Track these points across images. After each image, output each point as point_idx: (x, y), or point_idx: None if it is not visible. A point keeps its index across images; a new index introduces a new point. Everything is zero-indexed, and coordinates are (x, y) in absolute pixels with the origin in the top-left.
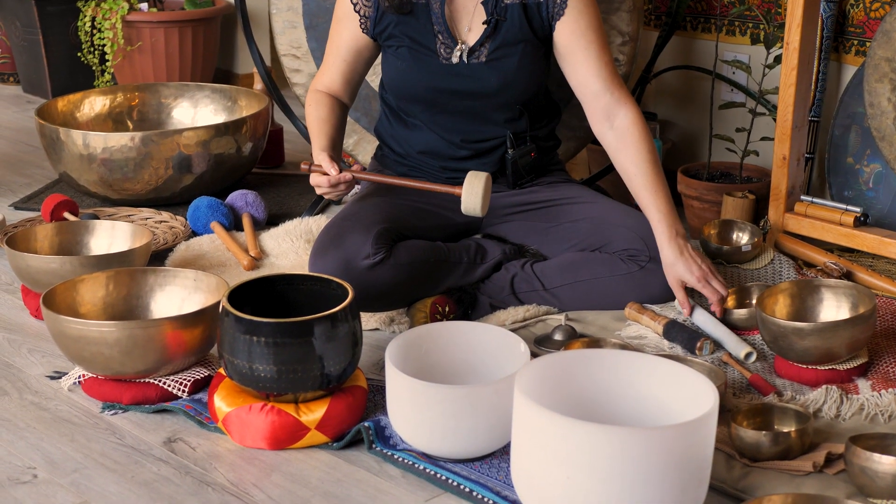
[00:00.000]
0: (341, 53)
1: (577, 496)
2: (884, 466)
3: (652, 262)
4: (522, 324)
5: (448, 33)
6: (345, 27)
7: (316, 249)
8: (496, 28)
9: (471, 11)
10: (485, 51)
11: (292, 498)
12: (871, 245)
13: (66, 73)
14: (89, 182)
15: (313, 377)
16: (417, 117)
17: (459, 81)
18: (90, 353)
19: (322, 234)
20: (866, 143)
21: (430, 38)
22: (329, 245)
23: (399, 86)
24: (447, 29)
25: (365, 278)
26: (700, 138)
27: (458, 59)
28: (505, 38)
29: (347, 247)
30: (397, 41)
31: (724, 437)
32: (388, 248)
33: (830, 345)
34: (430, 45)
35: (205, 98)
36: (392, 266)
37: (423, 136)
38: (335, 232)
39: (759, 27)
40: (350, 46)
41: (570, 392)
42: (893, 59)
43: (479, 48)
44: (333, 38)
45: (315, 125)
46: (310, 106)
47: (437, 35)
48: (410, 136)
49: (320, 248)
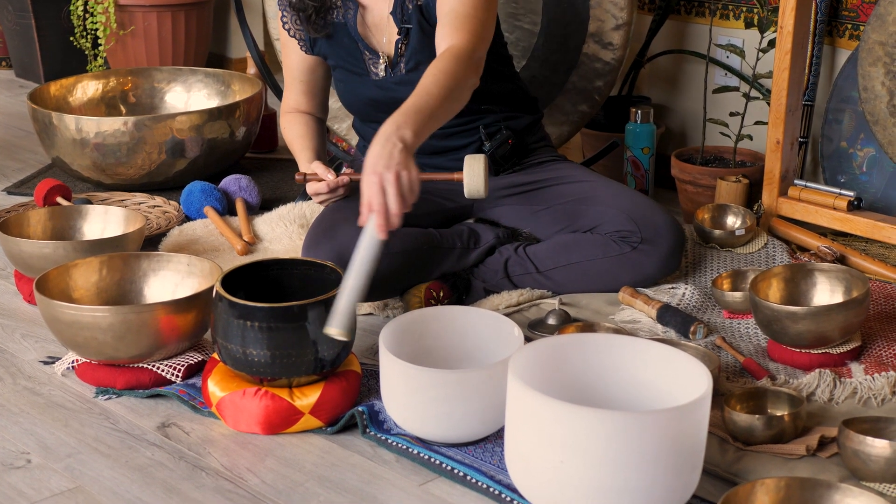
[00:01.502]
0: (296, 74)
1: (571, 480)
2: (876, 450)
3: (644, 242)
4: (516, 308)
5: (370, 49)
6: (291, 50)
7: (308, 242)
8: (408, 35)
9: (384, 23)
10: (403, 60)
11: (286, 482)
12: (864, 229)
13: (58, 57)
14: (82, 167)
15: (307, 362)
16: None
17: (390, 94)
18: (83, 338)
19: (314, 227)
20: (860, 127)
21: (358, 56)
22: (322, 237)
23: (344, 102)
24: (367, 45)
25: None
26: (694, 122)
27: (384, 72)
28: (416, 43)
29: (340, 238)
30: (333, 61)
31: (718, 421)
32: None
33: (824, 329)
34: (358, 62)
35: (198, 82)
36: (385, 256)
37: None
38: (327, 224)
39: (753, 11)
40: (301, 67)
41: (563, 376)
42: (887, 42)
43: (399, 58)
44: (285, 60)
45: (296, 143)
46: (285, 129)
47: (362, 52)
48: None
49: (313, 241)
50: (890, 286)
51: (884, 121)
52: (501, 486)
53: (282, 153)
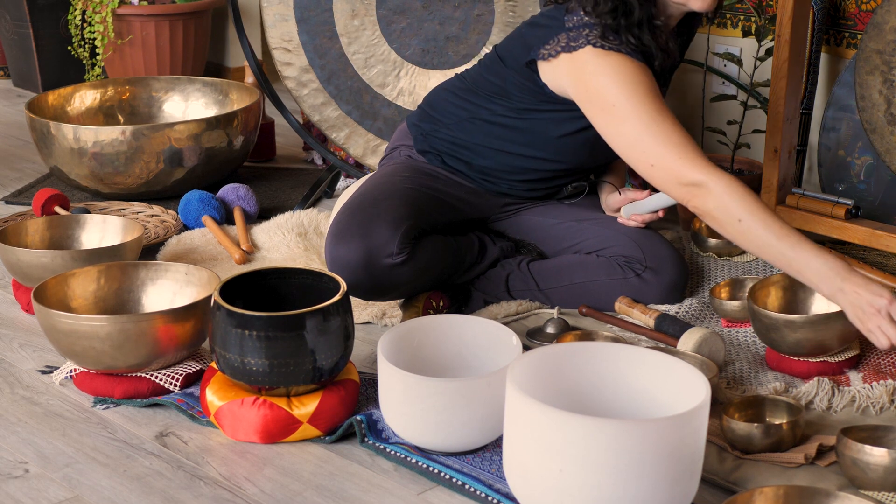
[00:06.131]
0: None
1: (570, 489)
2: (875, 458)
3: (648, 271)
4: (515, 317)
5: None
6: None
7: (339, 232)
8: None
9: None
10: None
11: (284, 492)
12: (862, 237)
13: (56, 66)
14: (80, 176)
15: (305, 371)
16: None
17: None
18: (81, 347)
19: (346, 216)
20: (857, 135)
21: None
22: (355, 232)
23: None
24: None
25: (383, 274)
26: (692, 131)
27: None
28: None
29: (374, 239)
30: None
31: (716, 430)
32: (411, 249)
33: (822, 337)
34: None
35: (196, 91)
36: (410, 268)
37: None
38: (361, 218)
39: (751, 20)
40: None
41: (562, 385)
42: (884, 51)
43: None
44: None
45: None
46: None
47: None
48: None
49: (345, 233)
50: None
51: (881, 129)
52: (500, 494)
53: (280, 162)
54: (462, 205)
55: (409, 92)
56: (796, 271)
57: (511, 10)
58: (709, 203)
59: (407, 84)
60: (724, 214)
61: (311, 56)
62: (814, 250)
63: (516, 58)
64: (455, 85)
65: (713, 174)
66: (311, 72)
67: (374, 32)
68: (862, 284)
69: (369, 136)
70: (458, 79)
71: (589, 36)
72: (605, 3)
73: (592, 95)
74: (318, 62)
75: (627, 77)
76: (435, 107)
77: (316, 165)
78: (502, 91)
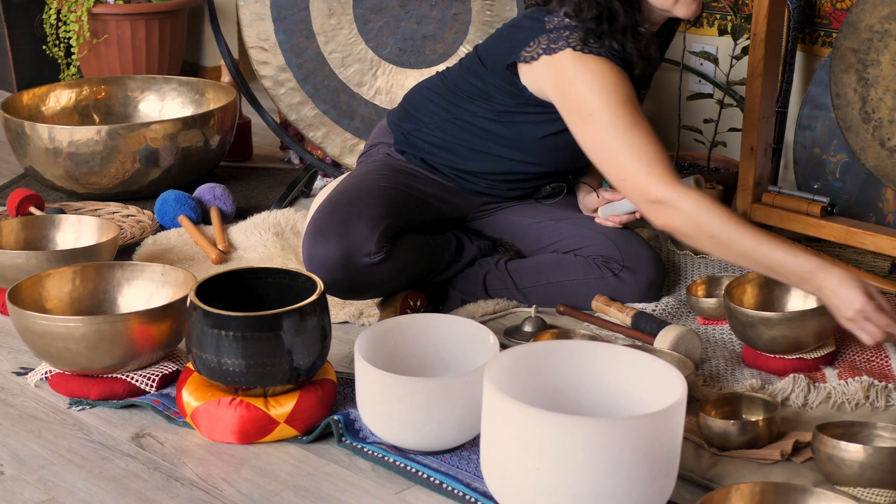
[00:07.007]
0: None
1: (547, 487)
2: (850, 454)
3: (625, 270)
4: (492, 316)
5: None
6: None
7: (317, 231)
8: None
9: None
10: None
11: (262, 492)
12: (837, 235)
13: (31, 66)
14: (55, 176)
15: (282, 371)
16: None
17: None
18: (57, 348)
19: (324, 215)
20: (833, 133)
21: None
22: (333, 231)
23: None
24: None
25: (360, 273)
26: (668, 129)
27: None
28: None
29: (352, 238)
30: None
31: (693, 427)
32: (389, 248)
33: (798, 334)
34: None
35: (172, 91)
36: (388, 267)
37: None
38: (339, 217)
39: (727, 18)
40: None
41: (539, 383)
42: (859, 49)
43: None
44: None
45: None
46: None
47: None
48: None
49: (323, 231)
50: None
51: (856, 127)
52: (477, 493)
53: (256, 161)
54: (440, 203)
55: (386, 91)
56: (777, 274)
57: (488, 8)
58: (675, 221)
59: (384, 83)
60: (695, 231)
61: (288, 55)
62: (790, 253)
63: (497, 60)
64: (436, 84)
65: (680, 192)
66: (287, 71)
67: (351, 31)
68: (838, 283)
69: (346, 135)
70: (440, 77)
71: (570, 38)
72: (590, 9)
73: (570, 101)
74: (295, 61)
75: (606, 85)
76: (416, 106)
77: (293, 165)
78: (483, 93)
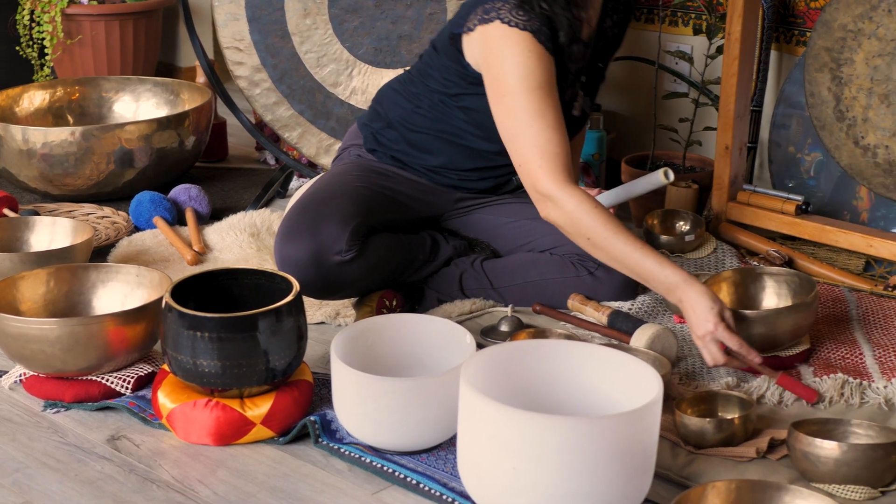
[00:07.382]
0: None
1: (524, 486)
2: (825, 451)
3: (601, 269)
4: (468, 316)
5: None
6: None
7: (288, 231)
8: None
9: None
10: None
11: (238, 494)
12: (812, 233)
13: (4, 67)
14: (29, 178)
15: (258, 372)
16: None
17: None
18: (31, 350)
19: (295, 215)
20: (807, 132)
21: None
22: (304, 231)
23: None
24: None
25: (332, 272)
26: (644, 128)
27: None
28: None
29: (322, 237)
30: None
31: (669, 425)
32: (360, 246)
33: (773, 332)
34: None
35: (146, 92)
36: (360, 265)
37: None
38: (310, 217)
39: (702, 18)
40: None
41: (515, 383)
42: (833, 48)
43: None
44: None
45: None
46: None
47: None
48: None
49: (293, 231)
50: (838, 289)
51: (830, 126)
52: (454, 493)
53: (232, 162)
54: (414, 203)
55: (361, 91)
56: (646, 282)
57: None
58: (556, 217)
59: (360, 83)
60: (573, 230)
61: (263, 55)
62: (659, 264)
63: (444, 41)
64: (399, 79)
65: (566, 191)
66: (263, 71)
67: (327, 31)
68: (696, 300)
69: (322, 135)
70: (405, 73)
71: (500, 10)
72: None
73: (492, 77)
74: (270, 61)
75: (523, 66)
76: (383, 103)
77: (269, 165)
78: (435, 77)
